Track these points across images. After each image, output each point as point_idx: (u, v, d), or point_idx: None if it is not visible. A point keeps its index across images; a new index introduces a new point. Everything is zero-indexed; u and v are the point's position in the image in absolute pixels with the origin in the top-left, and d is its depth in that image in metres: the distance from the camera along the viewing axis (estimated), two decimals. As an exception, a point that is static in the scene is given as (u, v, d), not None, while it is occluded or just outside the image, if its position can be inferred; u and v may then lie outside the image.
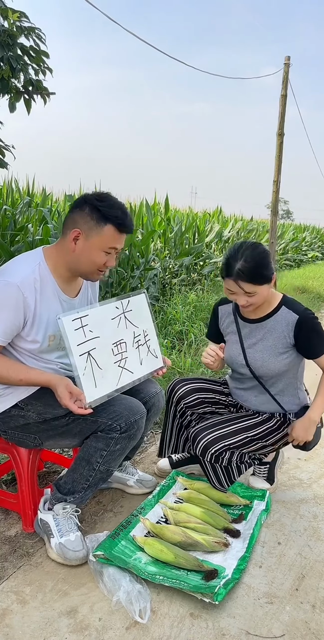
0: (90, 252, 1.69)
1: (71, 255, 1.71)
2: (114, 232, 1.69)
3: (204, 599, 1.54)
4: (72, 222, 1.70)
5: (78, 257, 1.71)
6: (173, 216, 9.16)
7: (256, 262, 1.88)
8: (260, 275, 1.89)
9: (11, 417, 1.77)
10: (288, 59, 8.51)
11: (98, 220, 1.67)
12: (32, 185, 8.16)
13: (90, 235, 1.67)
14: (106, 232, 1.68)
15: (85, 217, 1.67)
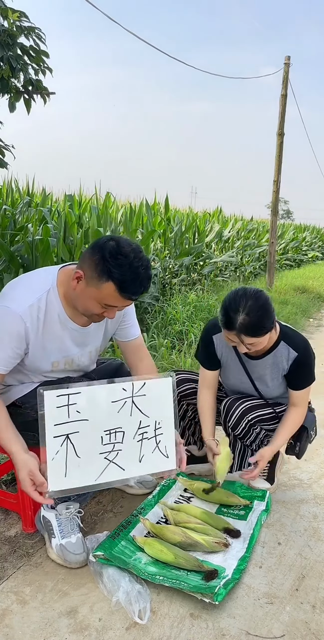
0: (86, 299, 1.60)
1: (71, 291, 1.64)
2: (114, 292, 1.55)
3: (204, 599, 1.54)
4: (82, 259, 1.61)
5: (76, 297, 1.63)
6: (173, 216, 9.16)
7: (259, 316, 1.82)
8: (262, 328, 1.84)
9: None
10: (288, 58, 8.51)
11: (101, 274, 1.54)
12: (32, 185, 8.16)
13: (89, 284, 1.57)
14: (105, 289, 1.55)
15: (91, 263, 1.55)
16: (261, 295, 1.86)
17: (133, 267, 1.53)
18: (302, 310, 6.57)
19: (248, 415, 2.05)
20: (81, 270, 1.58)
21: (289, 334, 2.05)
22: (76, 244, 5.27)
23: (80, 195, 7.91)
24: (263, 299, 1.85)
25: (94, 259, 1.55)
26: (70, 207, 6.67)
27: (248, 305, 1.81)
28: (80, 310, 1.67)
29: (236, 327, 1.82)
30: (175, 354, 3.94)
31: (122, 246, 1.54)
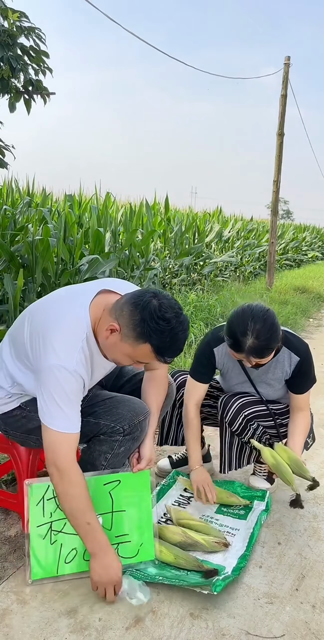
0: (117, 352, 1.56)
1: (102, 339, 1.58)
2: (150, 352, 1.51)
3: (202, 591, 1.54)
4: (120, 312, 1.52)
5: (107, 347, 1.58)
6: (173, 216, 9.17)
7: (268, 339, 1.81)
8: (270, 350, 1.85)
9: (14, 418, 1.77)
10: (288, 59, 8.51)
11: (139, 336, 1.48)
12: (32, 185, 8.17)
13: (124, 340, 1.52)
14: (141, 349, 1.51)
15: (130, 321, 1.49)
16: (269, 316, 1.84)
17: (173, 333, 1.49)
18: (302, 310, 6.57)
19: (245, 411, 2.05)
20: (117, 324, 1.51)
21: (290, 338, 2.05)
22: (76, 244, 5.27)
23: (80, 195, 7.91)
24: (270, 320, 1.83)
25: (134, 318, 1.48)
26: (70, 207, 6.67)
27: (257, 328, 1.79)
28: (108, 357, 1.64)
29: (245, 350, 1.81)
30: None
31: (165, 310, 1.48)
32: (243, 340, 1.80)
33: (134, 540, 1.68)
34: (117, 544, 1.65)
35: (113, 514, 1.67)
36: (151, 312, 1.46)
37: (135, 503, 1.69)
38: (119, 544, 1.66)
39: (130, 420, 1.70)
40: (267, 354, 1.85)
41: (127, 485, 1.69)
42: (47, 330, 1.56)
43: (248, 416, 2.05)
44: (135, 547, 1.67)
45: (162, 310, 1.47)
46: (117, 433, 1.69)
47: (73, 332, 1.56)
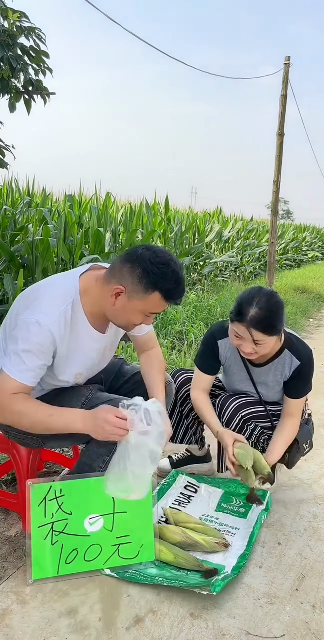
0: (129, 312, 1.61)
1: (109, 308, 1.62)
2: (160, 300, 1.58)
3: (202, 592, 1.54)
4: (119, 274, 1.58)
5: (116, 312, 1.63)
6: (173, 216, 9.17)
7: (272, 312, 1.83)
8: (272, 326, 1.85)
9: None
10: (288, 59, 8.51)
11: (147, 287, 1.55)
12: (32, 185, 8.17)
13: (133, 297, 1.57)
14: (151, 299, 1.57)
15: (133, 278, 1.55)
16: (276, 296, 1.90)
17: (175, 274, 1.56)
18: (302, 310, 6.57)
19: (242, 411, 2.04)
20: (121, 286, 1.56)
21: (294, 342, 2.05)
22: (76, 244, 5.27)
23: (80, 196, 7.92)
24: (276, 299, 1.89)
25: (136, 273, 1.55)
26: (70, 207, 6.67)
27: (262, 300, 1.84)
28: (118, 324, 1.69)
29: (247, 319, 1.83)
30: (175, 354, 3.94)
31: (161, 255, 1.57)
32: (247, 309, 1.83)
33: (135, 541, 1.68)
34: (117, 544, 1.66)
35: (114, 515, 1.67)
36: (150, 261, 1.54)
37: (136, 504, 1.69)
38: (120, 545, 1.66)
39: None
40: (268, 330, 1.83)
41: None
42: (35, 293, 1.63)
43: (245, 417, 2.05)
44: (135, 548, 1.67)
45: (158, 257, 1.56)
46: None
47: (58, 296, 1.61)
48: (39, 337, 1.54)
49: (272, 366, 2.05)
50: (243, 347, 1.89)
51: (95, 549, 1.63)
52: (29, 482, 1.61)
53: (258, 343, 1.86)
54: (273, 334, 1.86)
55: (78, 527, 1.63)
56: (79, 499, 1.64)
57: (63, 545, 1.61)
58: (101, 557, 1.64)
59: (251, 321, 1.82)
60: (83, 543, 1.62)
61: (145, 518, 1.69)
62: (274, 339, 1.90)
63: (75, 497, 1.64)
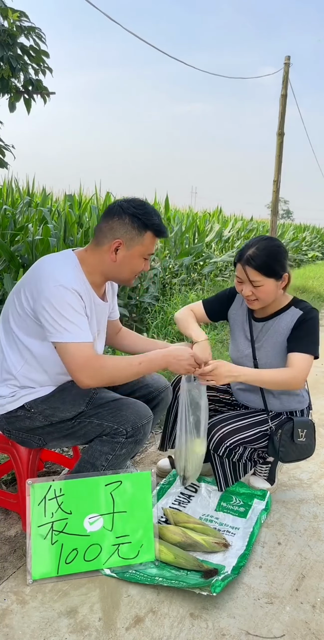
0: (131, 261, 1.72)
1: (111, 265, 1.72)
2: (153, 238, 1.73)
3: (202, 592, 1.54)
4: (110, 232, 1.69)
5: (119, 267, 1.72)
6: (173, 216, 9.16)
7: (267, 253, 1.90)
8: (268, 266, 1.89)
9: (17, 418, 1.77)
10: (288, 58, 8.52)
11: (140, 229, 1.69)
12: (32, 185, 8.17)
13: (131, 245, 1.69)
14: (146, 240, 1.71)
15: (126, 226, 1.68)
16: (277, 241, 1.98)
17: (155, 211, 1.73)
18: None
19: (227, 442, 1.98)
20: (118, 239, 1.68)
21: (300, 301, 2.09)
22: (76, 244, 5.27)
23: (80, 195, 7.91)
24: (276, 243, 1.96)
25: (126, 221, 1.68)
26: (70, 207, 6.67)
27: (262, 243, 1.93)
28: (123, 278, 1.78)
29: (244, 258, 1.91)
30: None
31: (137, 200, 1.73)
32: (246, 250, 1.92)
33: (135, 541, 1.68)
34: (117, 544, 1.66)
35: (114, 514, 1.67)
36: (130, 207, 1.69)
37: (136, 504, 1.69)
38: (120, 545, 1.66)
39: (134, 423, 1.70)
40: (263, 269, 1.89)
41: (128, 486, 1.69)
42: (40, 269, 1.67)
43: (230, 446, 1.99)
44: (135, 548, 1.67)
45: (135, 202, 1.72)
46: (120, 435, 1.69)
47: (65, 261, 1.70)
48: (71, 298, 1.60)
49: (275, 321, 2.05)
50: (244, 290, 1.96)
51: (95, 549, 1.63)
52: (29, 482, 1.61)
53: (255, 284, 1.92)
54: (269, 276, 1.91)
55: (78, 526, 1.63)
56: (79, 499, 1.64)
57: (63, 545, 1.61)
58: (101, 557, 1.64)
59: (247, 260, 1.90)
60: (83, 543, 1.62)
61: (145, 518, 1.70)
62: (272, 283, 1.92)
63: (75, 496, 1.64)
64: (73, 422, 1.74)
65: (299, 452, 2.09)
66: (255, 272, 1.89)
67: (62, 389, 1.77)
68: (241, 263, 1.92)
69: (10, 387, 1.75)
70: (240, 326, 2.18)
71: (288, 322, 2.03)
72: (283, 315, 2.04)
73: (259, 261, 1.88)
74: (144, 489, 1.71)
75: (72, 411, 1.72)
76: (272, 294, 1.96)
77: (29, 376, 1.74)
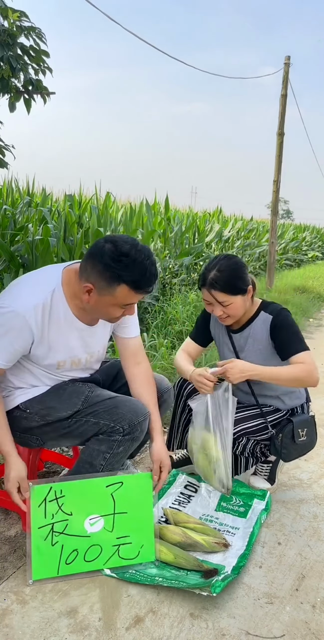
0: (104, 307, 1.62)
1: (85, 304, 1.64)
2: (128, 292, 1.56)
3: (202, 593, 1.54)
4: (86, 272, 1.59)
5: (94, 308, 1.65)
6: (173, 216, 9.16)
7: (229, 272, 1.93)
8: (233, 285, 1.93)
9: (13, 419, 1.77)
10: (288, 58, 8.51)
11: (110, 281, 1.54)
12: (32, 185, 8.16)
13: (102, 293, 1.58)
14: (119, 293, 1.56)
15: (97, 274, 1.55)
16: (235, 257, 2.01)
17: (138, 263, 1.53)
18: (302, 310, 6.57)
19: None
20: (89, 284, 1.57)
21: (268, 304, 2.10)
22: (76, 244, 5.27)
23: (80, 195, 7.91)
24: (235, 259, 1.99)
25: (98, 269, 1.54)
26: (70, 207, 6.67)
27: (220, 263, 1.95)
28: (102, 318, 1.71)
29: (207, 283, 1.94)
30: (174, 354, 3.94)
31: (120, 246, 1.53)
32: (208, 274, 1.95)
33: (135, 541, 1.68)
34: (118, 545, 1.66)
35: (115, 515, 1.67)
36: (109, 255, 1.52)
37: (136, 505, 1.69)
38: (120, 546, 1.66)
39: (130, 421, 1.70)
40: (228, 289, 1.92)
41: (128, 487, 1.69)
42: (19, 281, 1.67)
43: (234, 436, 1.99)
44: (136, 549, 1.67)
45: (118, 249, 1.53)
46: (117, 433, 1.69)
47: (39, 284, 1.65)
48: (13, 323, 1.58)
49: (250, 330, 2.07)
50: (215, 311, 1.99)
51: (96, 550, 1.63)
52: (30, 484, 1.61)
53: (224, 304, 1.94)
54: (235, 293, 1.94)
55: (79, 527, 1.63)
56: (80, 500, 1.64)
57: (63, 546, 1.61)
58: (101, 558, 1.64)
59: (210, 284, 1.93)
60: (83, 544, 1.62)
61: (145, 518, 1.70)
62: (239, 299, 1.95)
63: (75, 497, 1.64)
64: (70, 421, 1.74)
65: (301, 449, 2.13)
66: (221, 294, 1.93)
67: (58, 388, 1.77)
68: (206, 287, 1.95)
69: (4, 387, 1.76)
70: (221, 340, 2.22)
71: (261, 328, 2.05)
72: (256, 322, 2.07)
73: (222, 283, 1.92)
74: (145, 489, 1.71)
75: (67, 410, 1.72)
76: (242, 309, 2.00)
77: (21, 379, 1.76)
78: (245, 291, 1.97)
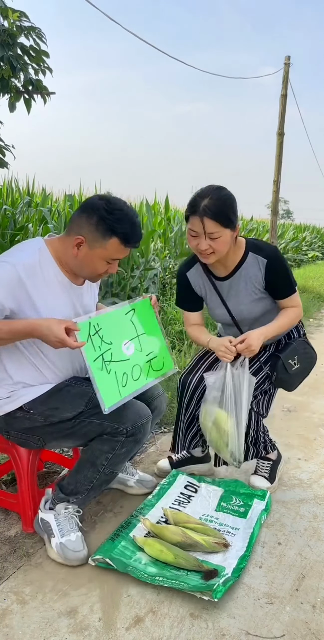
0: (92, 261, 1.69)
1: (72, 259, 1.71)
2: (119, 245, 1.67)
3: (203, 597, 1.54)
4: (77, 227, 1.67)
5: (80, 263, 1.71)
6: (173, 216, 9.16)
7: (223, 202, 1.88)
8: (225, 216, 1.87)
9: (16, 419, 1.77)
10: (288, 58, 8.52)
11: (104, 233, 1.64)
12: (32, 185, 8.16)
13: (93, 246, 1.66)
14: (110, 245, 1.66)
15: (90, 227, 1.64)
16: (227, 190, 1.95)
17: (129, 218, 1.66)
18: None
19: None
20: (80, 236, 1.65)
21: (256, 244, 2.07)
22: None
23: (80, 195, 7.90)
24: (227, 192, 1.94)
25: (92, 221, 1.64)
26: (70, 207, 6.66)
27: (213, 192, 1.89)
28: (84, 275, 1.76)
29: (200, 210, 1.85)
30: (175, 354, 3.94)
31: (114, 201, 1.67)
32: (200, 201, 1.87)
33: (158, 355, 1.92)
34: (149, 361, 1.88)
35: (139, 337, 1.86)
36: (105, 209, 1.63)
37: (148, 325, 1.92)
38: (151, 361, 1.88)
39: (134, 422, 1.71)
40: (220, 219, 1.85)
41: (139, 312, 1.90)
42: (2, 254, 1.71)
43: None
44: (160, 361, 1.92)
45: (112, 203, 1.66)
46: (120, 434, 1.69)
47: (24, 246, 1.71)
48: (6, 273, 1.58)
49: (240, 274, 2.05)
50: (200, 245, 1.91)
51: (137, 369, 1.81)
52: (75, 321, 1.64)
53: (212, 237, 1.88)
54: (226, 226, 1.89)
55: (119, 353, 1.77)
56: (112, 329, 1.77)
57: (116, 372, 1.73)
58: (143, 374, 1.84)
59: (203, 211, 1.85)
60: (128, 366, 1.78)
61: (158, 335, 1.96)
62: (228, 234, 1.91)
63: (109, 328, 1.76)
64: (74, 422, 1.74)
65: (301, 373, 2.17)
66: (212, 224, 1.85)
67: (60, 389, 1.77)
68: (198, 215, 1.86)
69: (6, 387, 1.75)
70: (205, 291, 2.18)
71: (255, 271, 2.03)
72: (247, 265, 2.04)
73: (216, 211, 1.85)
74: (149, 312, 1.95)
75: (71, 411, 1.72)
76: (227, 245, 1.95)
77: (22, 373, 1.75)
78: (234, 227, 1.93)
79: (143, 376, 1.84)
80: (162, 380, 1.95)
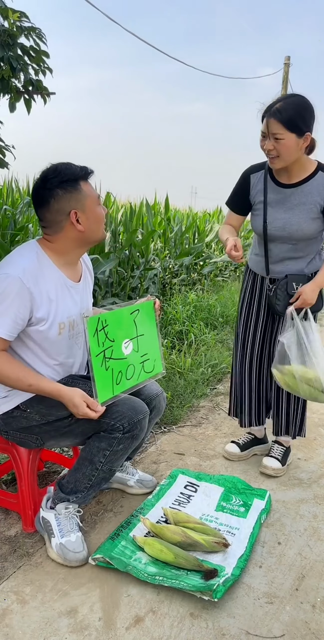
0: (93, 215, 1.73)
1: (81, 236, 1.73)
2: (86, 183, 1.73)
3: (203, 597, 1.54)
4: (59, 213, 1.68)
5: (89, 230, 1.73)
6: (173, 216, 9.16)
7: (294, 107, 1.91)
8: (290, 119, 1.90)
9: (13, 419, 1.77)
10: (288, 59, 8.53)
11: (73, 188, 1.68)
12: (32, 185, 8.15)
13: (82, 205, 1.70)
14: (85, 189, 1.71)
15: (64, 196, 1.67)
16: (305, 98, 1.96)
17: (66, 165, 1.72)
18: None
19: None
20: (71, 210, 1.68)
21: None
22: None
23: (80, 195, 7.90)
24: (304, 99, 1.95)
25: (60, 194, 1.67)
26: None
27: (290, 97, 1.96)
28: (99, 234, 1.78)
29: (270, 110, 1.92)
30: (175, 354, 3.94)
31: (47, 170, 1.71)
32: (274, 103, 1.94)
33: (151, 357, 1.96)
34: (142, 362, 1.91)
35: (138, 338, 1.90)
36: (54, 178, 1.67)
37: (147, 327, 1.95)
38: (144, 362, 1.92)
39: (130, 419, 1.71)
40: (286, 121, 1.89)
41: (142, 313, 1.94)
42: None
43: None
44: (151, 364, 1.95)
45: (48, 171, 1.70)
46: (117, 430, 1.70)
47: (20, 252, 1.72)
48: (11, 287, 1.59)
49: (304, 188, 2.07)
50: (266, 144, 1.97)
51: (131, 369, 1.85)
52: (84, 314, 1.70)
53: (276, 137, 1.92)
54: (291, 130, 1.91)
55: (119, 352, 1.81)
56: (117, 327, 1.81)
57: (113, 370, 1.77)
58: (135, 375, 1.87)
59: (273, 112, 1.92)
60: (124, 365, 1.82)
61: (154, 338, 1.98)
62: (293, 138, 1.93)
63: (114, 325, 1.80)
64: (70, 420, 1.74)
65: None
66: (277, 125, 1.91)
67: None
68: (267, 116, 1.94)
69: (3, 387, 1.75)
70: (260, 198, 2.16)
71: (321, 189, 2.05)
72: (314, 182, 2.06)
73: (284, 114, 1.90)
74: (151, 314, 1.99)
75: (68, 409, 1.72)
76: (293, 151, 1.96)
77: None
78: (302, 133, 1.93)
79: (135, 376, 1.88)
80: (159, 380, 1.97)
